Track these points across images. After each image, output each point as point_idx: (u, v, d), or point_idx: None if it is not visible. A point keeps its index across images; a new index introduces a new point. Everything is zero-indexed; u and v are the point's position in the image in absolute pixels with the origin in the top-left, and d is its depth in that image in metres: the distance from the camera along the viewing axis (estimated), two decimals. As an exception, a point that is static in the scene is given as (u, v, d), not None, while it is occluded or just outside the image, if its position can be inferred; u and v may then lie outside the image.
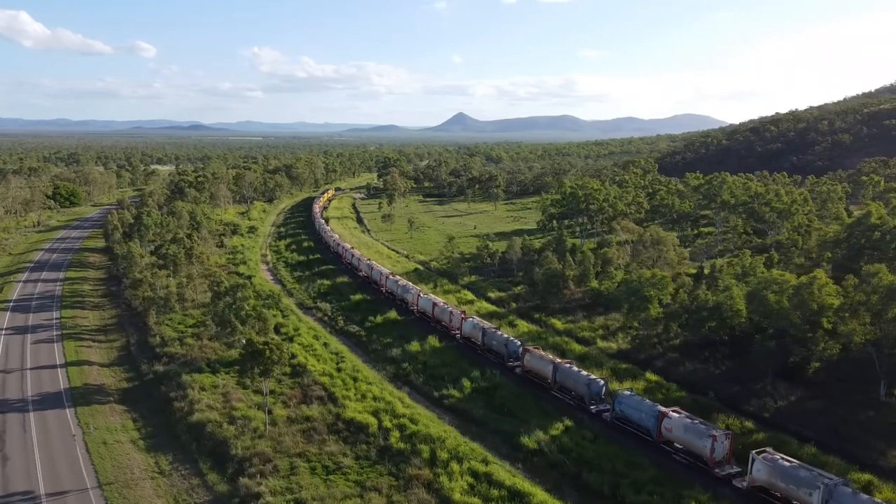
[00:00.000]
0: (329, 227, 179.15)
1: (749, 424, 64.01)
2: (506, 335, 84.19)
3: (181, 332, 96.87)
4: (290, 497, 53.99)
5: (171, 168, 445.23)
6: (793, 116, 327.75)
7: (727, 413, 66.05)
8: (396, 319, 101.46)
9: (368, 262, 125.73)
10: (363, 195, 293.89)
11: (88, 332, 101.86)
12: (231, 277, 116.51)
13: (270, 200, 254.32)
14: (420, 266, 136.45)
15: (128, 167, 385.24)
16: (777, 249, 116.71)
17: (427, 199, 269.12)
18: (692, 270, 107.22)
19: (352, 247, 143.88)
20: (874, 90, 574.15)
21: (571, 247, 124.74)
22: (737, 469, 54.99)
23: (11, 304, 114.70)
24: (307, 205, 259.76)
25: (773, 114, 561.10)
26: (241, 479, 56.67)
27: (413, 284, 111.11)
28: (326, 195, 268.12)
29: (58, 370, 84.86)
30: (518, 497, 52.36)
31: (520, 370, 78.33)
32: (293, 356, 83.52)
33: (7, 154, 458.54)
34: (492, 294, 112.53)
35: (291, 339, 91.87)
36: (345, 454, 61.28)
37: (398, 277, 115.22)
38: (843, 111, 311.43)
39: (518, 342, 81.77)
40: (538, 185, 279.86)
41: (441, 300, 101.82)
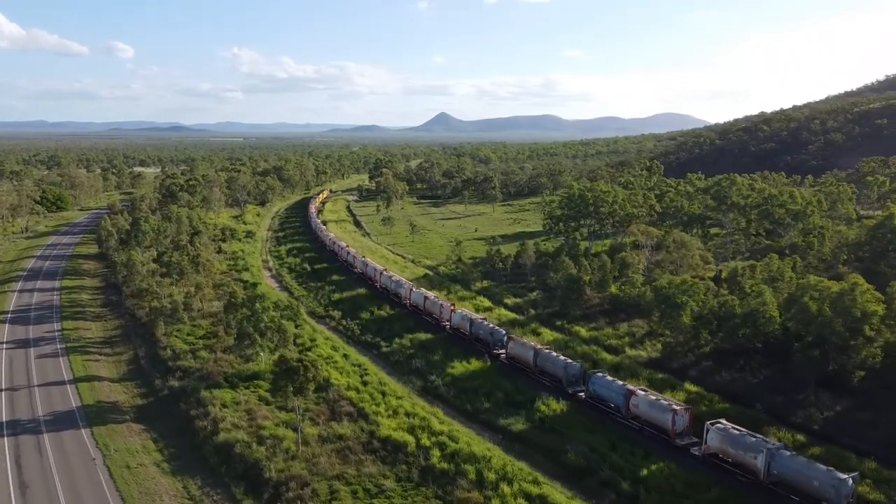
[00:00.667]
0: (327, 229, 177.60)
1: (801, 438, 62.02)
2: (491, 325, 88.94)
3: (192, 345, 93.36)
4: (336, 525, 51.16)
5: (157, 170, 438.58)
6: (784, 116, 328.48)
7: (777, 426, 63.92)
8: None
9: (364, 260, 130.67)
10: (356, 197, 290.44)
11: (93, 345, 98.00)
12: (238, 286, 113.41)
13: (263, 203, 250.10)
14: (429, 272, 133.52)
15: (113, 170, 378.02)
16: (792, 252, 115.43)
17: (422, 201, 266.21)
18: (710, 274, 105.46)
19: (347, 245, 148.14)
20: (856, 89, 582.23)
21: (584, 251, 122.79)
22: (695, 440, 60.27)
23: (9, 316, 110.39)
24: (301, 207, 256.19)
25: (759, 113, 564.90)
26: (281, 506, 53.74)
27: (406, 280, 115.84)
28: (321, 196, 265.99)
29: (67, 387, 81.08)
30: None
31: (504, 357, 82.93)
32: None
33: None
34: (508, 300, 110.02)
35: (309, 351, 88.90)
36: (385, 476, 58.45)
37: (392, 273, 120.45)
38: (834, 110, 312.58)
39: (503, 331, 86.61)
40: (533, 187, 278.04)
41: (432, 294, 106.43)
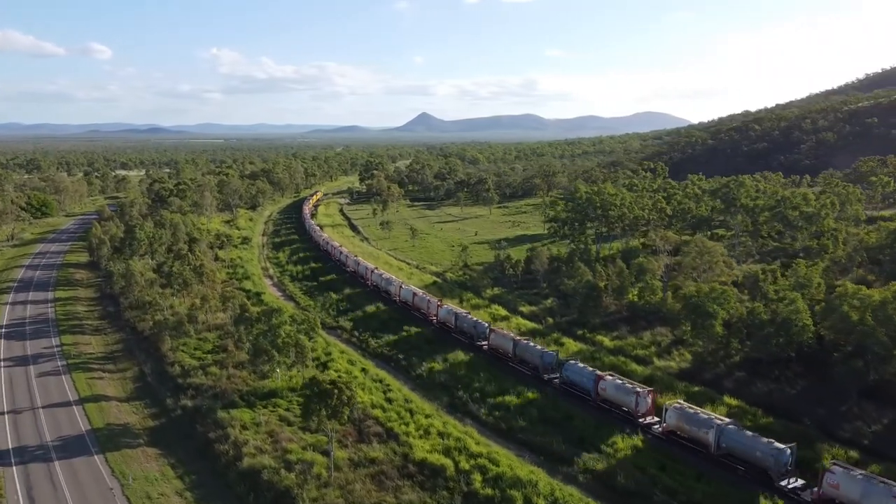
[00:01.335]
0: (322, 232, 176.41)
1: (854, 455, 59.55)
2: (474, 318, 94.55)
3: (201, 360, 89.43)
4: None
5: (140, 173, 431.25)
6: (775, 115, 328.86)
7: (829, 442, 61.48)
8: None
9: (356, 259, 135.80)
10: (347, 200, 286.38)
11: (95, 361, 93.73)
12: (241, 295, 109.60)
13: (254, 207, 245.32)
14: (437, 278, 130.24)
15: (97, 174, 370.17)
16: (806, 255, 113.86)
17: (415, 204, 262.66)
18: (730, 280, 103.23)
19: (340, 245, 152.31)
20: (838, 87, 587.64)
21: (596, 255, 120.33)
22: (657, 419, 66.11)
23: (4, 331, 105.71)
24: (293, 211, 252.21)
25: (743, 112, 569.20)
26: (321, 540, 50.38)
27: (395, 277, 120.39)
28: (315, 198, 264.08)
29: (73, 408, 76.97)
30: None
31: (487, 347, 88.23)
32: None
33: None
34: (523, 308, 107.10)
35: (325, 365, 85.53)
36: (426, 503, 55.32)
37: (382, 271, 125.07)
38: (824, 109, 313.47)
39: (485, 324, 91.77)
40: (527, 188, 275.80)
41: (420, 290, 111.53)
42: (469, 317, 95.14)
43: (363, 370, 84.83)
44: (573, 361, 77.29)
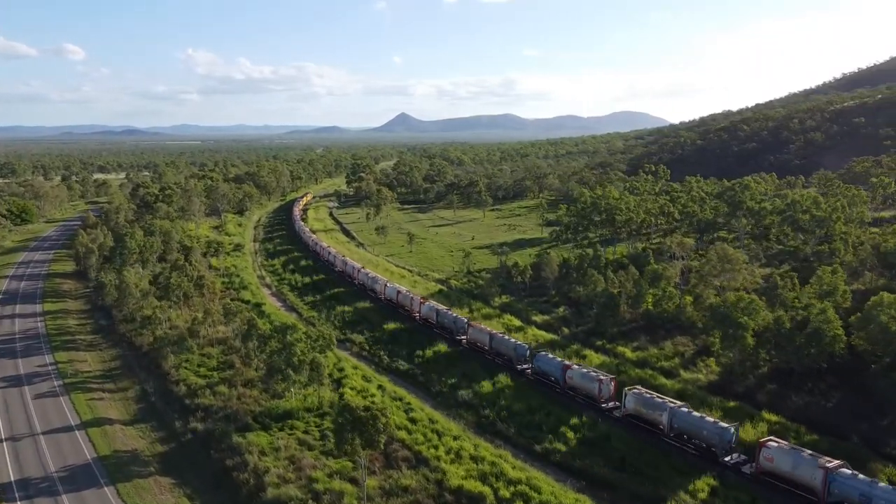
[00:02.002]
0: (316, 237, 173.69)
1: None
2: (454, 314, 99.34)
3: (207, 377, 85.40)
4: None
5: (120, 177, 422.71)
6: (763, 115, 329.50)
7: (882, 461, 59.11)
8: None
9: (343, 258, 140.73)
10: (335, 203, 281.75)
11: (94, 380, 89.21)
12: (240, 306, 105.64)
13: (241, 212, 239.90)
14: (442, 286, 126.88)
15: (76, 178, 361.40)
16: (818, 259, 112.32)
17: (406, 207, 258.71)
18: (750, 286, 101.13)
19: (328, 246, 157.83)
20: (815, 86, 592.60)
21: (606, 262, 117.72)
22: (617, 404, 71.56)
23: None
24: (281, 214, 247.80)
25: (724, 111, 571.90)
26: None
27: (381, 276, 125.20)
28: (304, 200, 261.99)
29: (76, 433, 72.65)
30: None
31: (465, 342, 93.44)
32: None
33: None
34: (536, 318, 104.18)
35: (339, 382, 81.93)
36: (469, 536, 52.20)
37: (368, 270, 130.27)
38: (811, 109, 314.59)
39: (464, 319, 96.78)
40: (518, 190, 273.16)
41: (404, 288, 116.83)
42: (449, 313, 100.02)
43: (380, 387, 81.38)
44: (543, 353, 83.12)
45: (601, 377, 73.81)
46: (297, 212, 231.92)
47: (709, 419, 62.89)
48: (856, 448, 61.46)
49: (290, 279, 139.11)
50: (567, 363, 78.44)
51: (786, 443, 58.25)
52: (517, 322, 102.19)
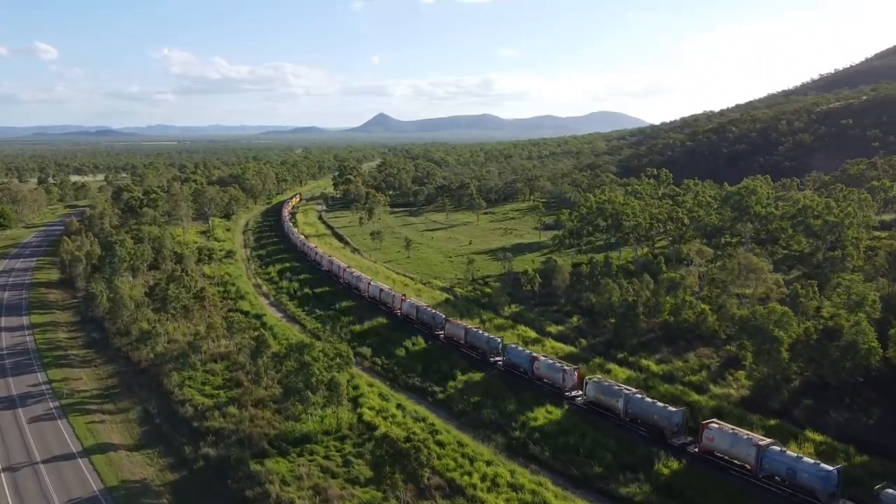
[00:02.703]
0: (306, 239, 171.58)
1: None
2: (432, 310, 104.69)
3: (213, 396, 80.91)
4: None
5: (97, 179, 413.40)
6: (749, 117, 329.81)
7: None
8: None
9: (329, 258, 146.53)
10: (322, 206, 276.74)
11: (92, 400, 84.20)
12: (254, 323, 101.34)
13: (228, 216, 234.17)
14: (448, 295, 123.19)
15: (53, 181, 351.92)
16: (829, 265, 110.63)
17: (397, 210, 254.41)
18: (774, 296, 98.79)
19: (315, 246, 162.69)
20: (793, 87, 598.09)
21: (618, 268, 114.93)
22: (581, 392, 76.58)
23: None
24: (269, 218, 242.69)
25: (704, 111, 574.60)
26: None
27: (364, 275, 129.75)
28: (293, 202, 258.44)
29: (79, 461, 67.83)
30: None
31: (443, 336, 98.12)
32: (374, 427, 70.10)
33: None
34: (551, 328, 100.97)
35: (356, 402, 77.90)
36: (518, 575, 48.75)
37: (354, 269, 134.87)
38: (798, 110, 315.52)
39: (442, 315, 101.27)
40: (509, 192, 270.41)
41: (387, 286, 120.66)
42: (428, 309, 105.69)
43: (399, 406, 77.51)
44: (514, 346, 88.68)
45: (565, 368, 79.17)
46: (287, 215, 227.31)
47: (658, 404, 68.61)
48: (911, 470, 58.84)
49: (288, 287, 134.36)
50: (535, 355, 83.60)
51: (727, 424, 63.87)
52: (532, 333, 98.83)
